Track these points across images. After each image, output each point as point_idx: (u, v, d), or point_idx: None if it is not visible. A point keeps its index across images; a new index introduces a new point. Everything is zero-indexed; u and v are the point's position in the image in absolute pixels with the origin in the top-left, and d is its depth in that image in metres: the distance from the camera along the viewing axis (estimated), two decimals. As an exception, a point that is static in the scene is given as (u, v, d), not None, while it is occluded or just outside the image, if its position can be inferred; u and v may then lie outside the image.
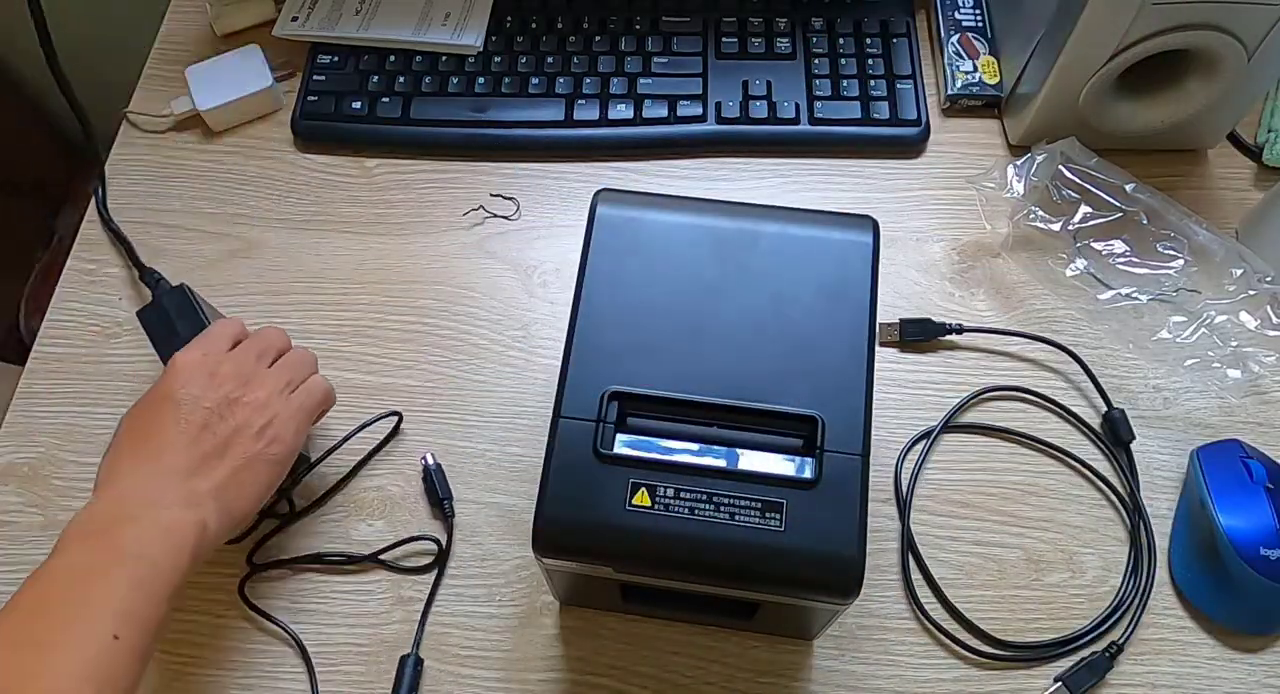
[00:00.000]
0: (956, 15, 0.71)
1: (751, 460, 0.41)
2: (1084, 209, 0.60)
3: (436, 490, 0.56)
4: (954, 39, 0.69)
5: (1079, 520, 0.55)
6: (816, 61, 0.68)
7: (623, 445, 0.41)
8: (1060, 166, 0.60)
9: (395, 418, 0.58)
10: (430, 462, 0.56)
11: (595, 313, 0.44)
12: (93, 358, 0.61)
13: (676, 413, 0.42)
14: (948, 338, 0.60)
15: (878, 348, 0.60)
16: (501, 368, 0.60)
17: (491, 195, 0.66)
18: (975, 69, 0.68)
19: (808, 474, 0.40)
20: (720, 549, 0.40)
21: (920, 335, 0.60)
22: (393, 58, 0.69)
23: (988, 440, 0.58)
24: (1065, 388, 0.59)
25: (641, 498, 0.40)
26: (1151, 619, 0.53)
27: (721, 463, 0.41)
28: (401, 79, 0.68)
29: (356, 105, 0.68)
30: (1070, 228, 0.60)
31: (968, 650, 0.52)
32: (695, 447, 0.41)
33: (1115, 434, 0.57)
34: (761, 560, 0.40)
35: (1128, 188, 0.60)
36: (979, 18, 0.71)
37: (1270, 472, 0.53)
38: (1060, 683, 0.51)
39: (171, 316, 0.55)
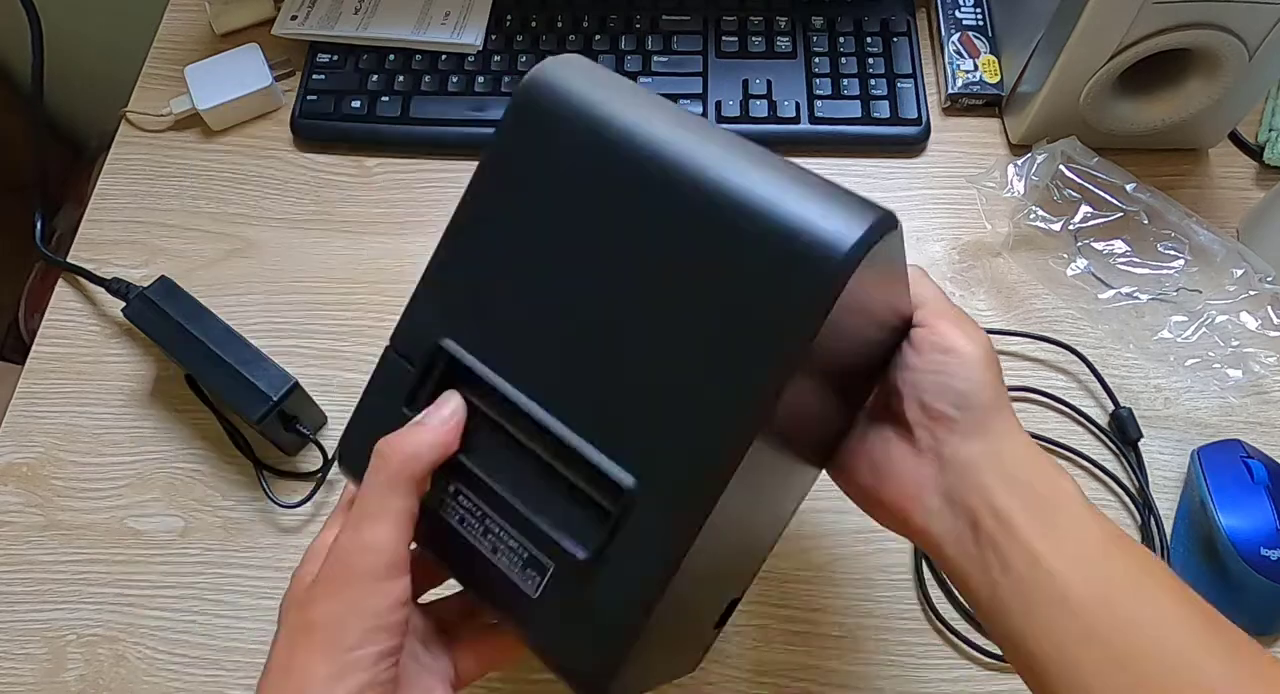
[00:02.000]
0: (957, 14, 0.70)
1: (539, 501, 0.33)
2: (1084, 209, 0.60)
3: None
4: (955, 38, 0.69)
5: (1080, 520, 0.55)
6: (817, 60, 0.68)
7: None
8: (1061, 166, 0.60)
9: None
10: None
11: (468, 242, 0.35)
12: (92, 358, 0.61)
13: (494, 406, 0.34)
14: (949, 338, 0.60)
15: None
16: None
17: (491, 195, 0.66)
18: (976, 68, 0.68)
19: (581, 553, 0.32)
20: (475, 574, 0.34)
21: (922, 335, 0.60)
22: (392, 57, 0.69)
23: (988, 440, 0.58)
24: (1070, 387, 0.59)
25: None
26: (1152, 619, 0.53)
27: (508, 493, 0.34)
28: (401, 78, 0.68)
29: (356, 104, 0.67)
30: (1071, 227, 0.60)
31: (980, 652, 0.52)
32: (496, 457, 0.34)
33: (1124, 432, 0.57)
34: (508, 610, 0.34)
35: (1128, 187, 0.60)
36: (980, 16, 0.70)
37: (1271, 472, 0.53)
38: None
39: (159, 304, 0.56)
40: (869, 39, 0.69)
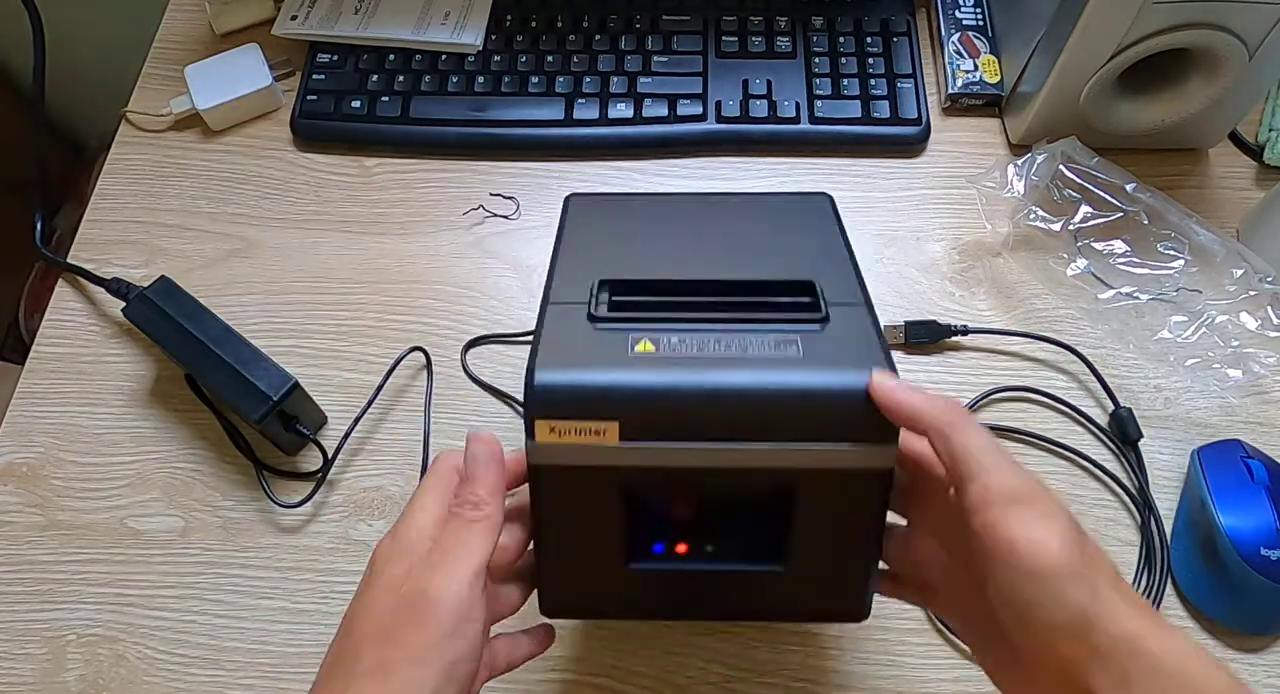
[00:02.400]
0: (957, 14, 0.70)
1: (755, 311, 0.38)
2: (1084, 209, 0.60)
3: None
4: (955, 38, 0.69)
5: (1090, 519, 0.55)
6: (817, 60, 0.68)
7: (619, 310, 0.39)
8: (1061, 166, 0.60)
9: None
10: None
11: (576, 246, 0.46)
12: (92, 358, 0.61)
13: (671, 292, 0.39)
14: (953, 339, 0.60)
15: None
16: (502, 368, 0.60)
17: (491, 194, 0.66)
18: (976, 68, 0.68)
19: (816, 313, 0.38)
20: (735, 384, 0.35)
21: (925, 337, 0.60)
22: (392, 57, 0.69)
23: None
24: (1070, 387, 0.59)
25: (645, 346, 0.36)
26: (1152, 619, 0.53)
27: (726, 314, 0.38)
28: (401, 78, 0.68)
29: (356, 104, 0.67)
30: (1071, 227, 0.60)
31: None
32: (696, 314, 0.39)
33: (1124, 432, 0.57)
34: (782, 393, 0.35)
35: (1128, 187, 0.60)
36: (980, 16, 0.70)
37: (1271, 471, 0.53)
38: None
39: (159, 304, 0.56)
40: (869, 39, 0.69)
